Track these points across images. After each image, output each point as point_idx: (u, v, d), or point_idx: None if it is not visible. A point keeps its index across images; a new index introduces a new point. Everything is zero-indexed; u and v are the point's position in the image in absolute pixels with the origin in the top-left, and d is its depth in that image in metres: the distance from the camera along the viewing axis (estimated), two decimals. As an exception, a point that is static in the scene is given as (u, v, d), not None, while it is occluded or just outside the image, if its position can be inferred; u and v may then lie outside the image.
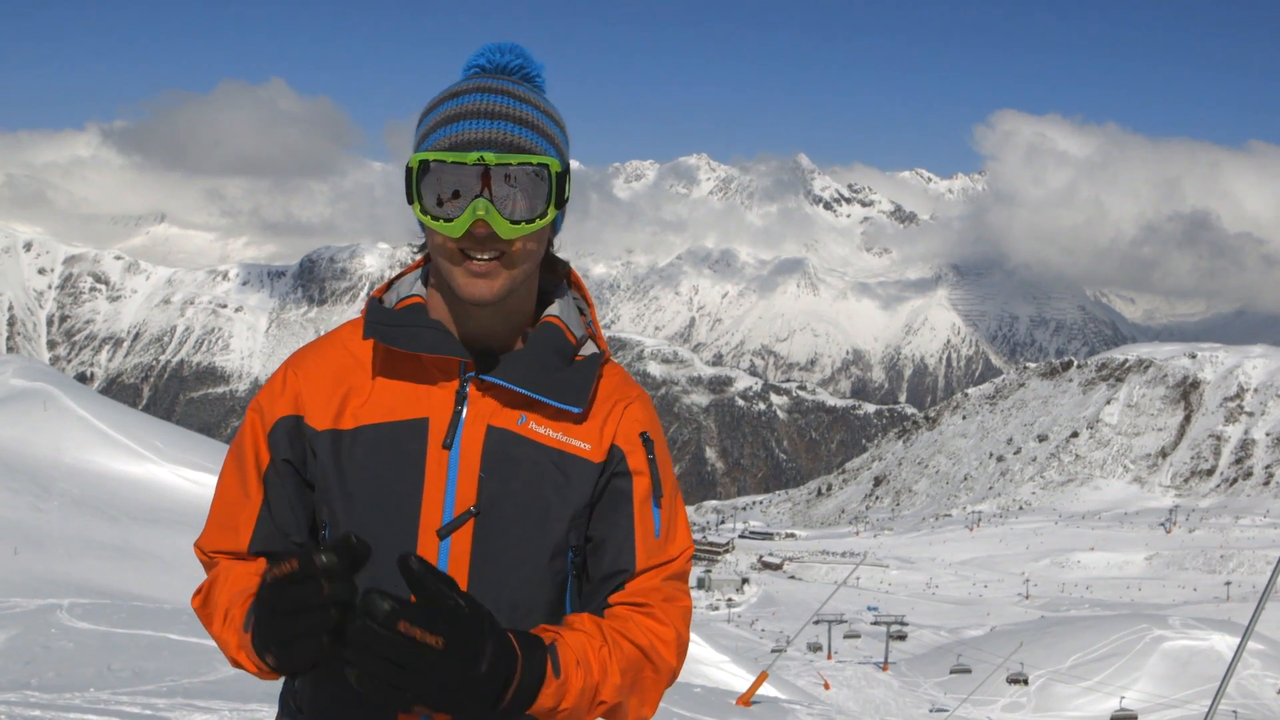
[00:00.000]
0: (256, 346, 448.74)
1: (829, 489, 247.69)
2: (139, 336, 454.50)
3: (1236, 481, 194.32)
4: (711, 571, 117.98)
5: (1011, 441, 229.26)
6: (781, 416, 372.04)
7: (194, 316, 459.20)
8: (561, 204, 1.55)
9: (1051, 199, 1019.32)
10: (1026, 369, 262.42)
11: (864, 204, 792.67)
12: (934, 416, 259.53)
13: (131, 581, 14.48)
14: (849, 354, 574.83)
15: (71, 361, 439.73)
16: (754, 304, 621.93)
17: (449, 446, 1.55)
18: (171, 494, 20.47)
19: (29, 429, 21.73)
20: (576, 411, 1.60)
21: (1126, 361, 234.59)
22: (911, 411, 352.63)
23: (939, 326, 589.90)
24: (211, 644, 8.52)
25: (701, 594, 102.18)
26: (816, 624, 54.89)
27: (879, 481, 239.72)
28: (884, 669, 45.87)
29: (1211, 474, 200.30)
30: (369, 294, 1.67)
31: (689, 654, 6.36)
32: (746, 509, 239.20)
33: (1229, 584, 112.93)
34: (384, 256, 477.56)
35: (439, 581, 1.22)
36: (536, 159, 1.51)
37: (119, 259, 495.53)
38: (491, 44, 1.63)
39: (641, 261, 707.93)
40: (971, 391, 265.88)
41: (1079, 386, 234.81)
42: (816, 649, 57.07)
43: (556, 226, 1.65)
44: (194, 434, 28.59)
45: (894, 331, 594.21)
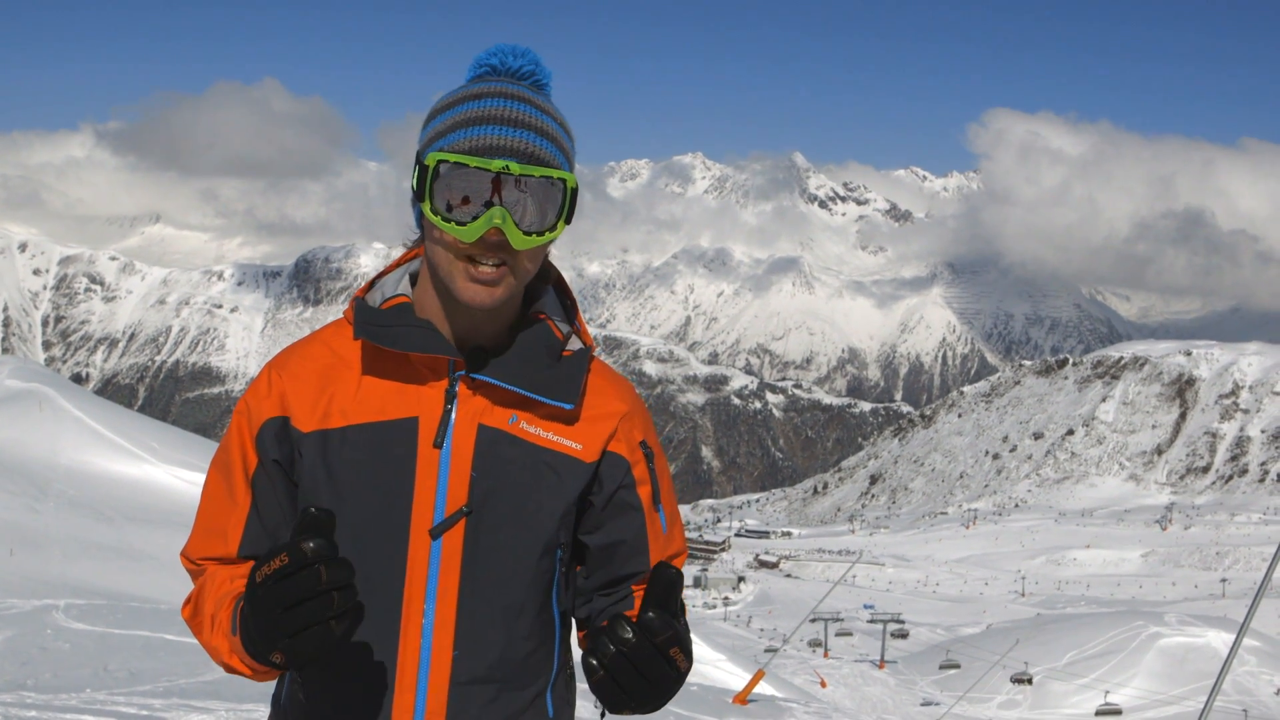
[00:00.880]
0: (252, 347, 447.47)
1: (825, 487, 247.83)
2: (134, 337, 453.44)
3: (1232, 478, 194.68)
4: (708, 570, 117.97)
5: (1007, 439, 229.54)
6: (777, 415, 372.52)
7: (189, 317, 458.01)
8: (570, 219, 1.56)
9: (1046, 197, 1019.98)
10: (1022, 367, 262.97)
11: (859, 202, 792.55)
12: (930, 415, 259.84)
13: (127, 582, 14.46)
14: (844, 352, 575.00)
15: (67, 362, 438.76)
16: (749, 303, 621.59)
17: (440, 446, 1.55)
18: (167, 494, 20.41)
19: (24, 430, 21.66)
20: (568, 408, 1.60)
21: (1122, 359, 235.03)
22: (907, 410, 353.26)
23: (934, 325, 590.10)
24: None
25: (698, 592, 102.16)
26: (813, 622, 54.93)
27: (875, 480, 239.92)
28: (880, 667, 45.87)
29: (1207, 471, 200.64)
30: (351, 294, 1.65)
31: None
32: (742, 507, 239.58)
33: (1225, 581, 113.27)
34: (379, 256, 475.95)
35: (677, 610, 1.31)
36: (556, 174, 1.51)
37: (114, 259, 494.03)
38: (504, 45, 1.61)
39: (636, 260, 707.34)
40: (967, 389, 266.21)
41: (1074, 384, 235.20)
42: (817, 645, 57.16)
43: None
44: (190, 434, 28.57)
45: (889, 330, 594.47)
